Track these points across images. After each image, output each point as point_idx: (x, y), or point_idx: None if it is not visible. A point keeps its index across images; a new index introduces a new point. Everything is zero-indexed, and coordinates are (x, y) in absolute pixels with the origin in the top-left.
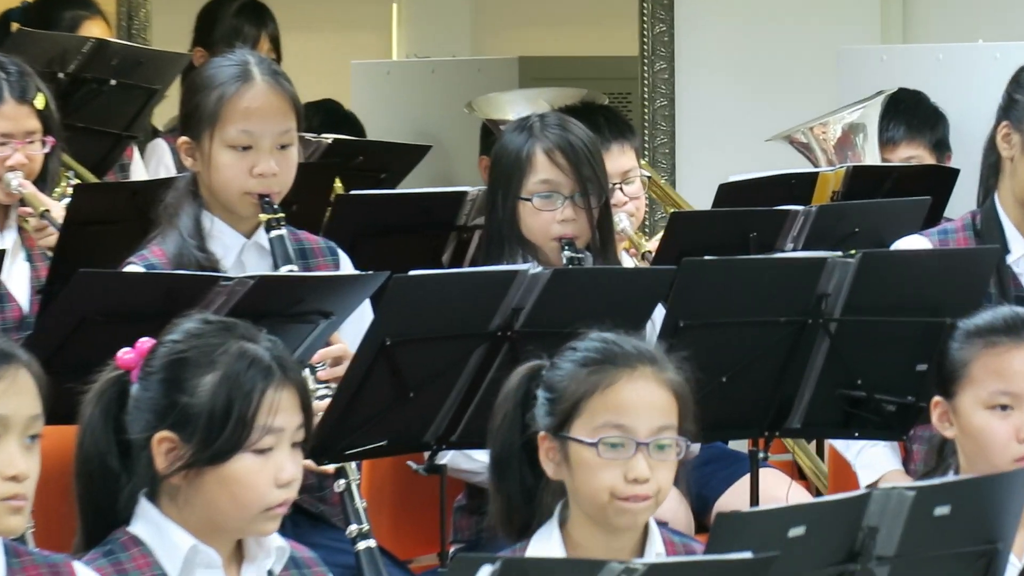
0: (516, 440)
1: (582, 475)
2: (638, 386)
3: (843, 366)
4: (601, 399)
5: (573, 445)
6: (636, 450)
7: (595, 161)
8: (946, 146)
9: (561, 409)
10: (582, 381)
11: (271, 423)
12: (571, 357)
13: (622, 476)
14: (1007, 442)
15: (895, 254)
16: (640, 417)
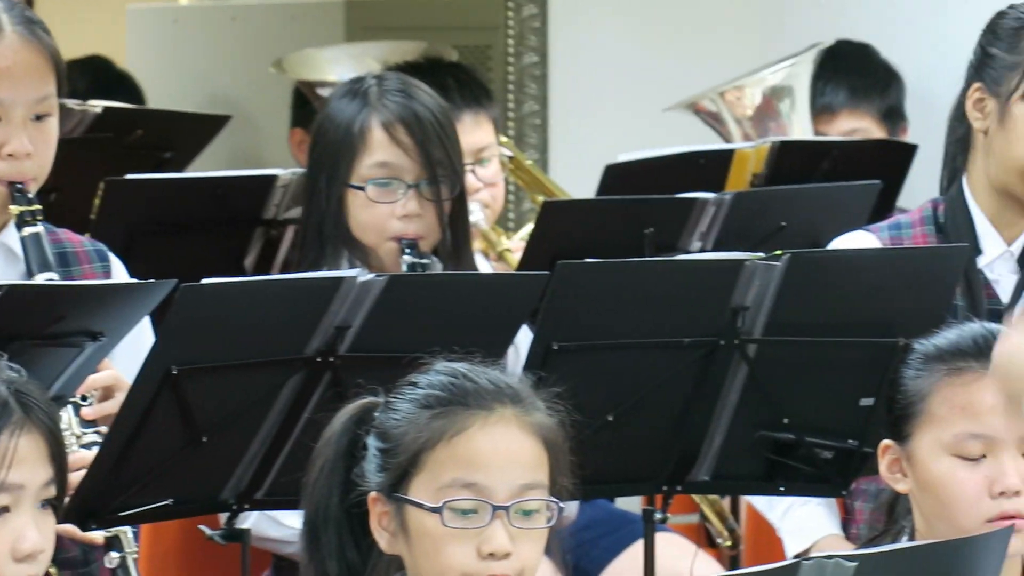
0: (337, 502)
1: (424, 549)
2: (495, 433)
3: (765, 400)
4: (448, 451)
5: (412, 510)
6: (493, 516)
7: (448, 139)
8: (901, 115)
9: (397, 463)
10: (423, 427)
11: (4, 478)
12: (410, 396)
13: (475, 551)
14: (977, 498)
15: (833, 256)
16: (498, 474)
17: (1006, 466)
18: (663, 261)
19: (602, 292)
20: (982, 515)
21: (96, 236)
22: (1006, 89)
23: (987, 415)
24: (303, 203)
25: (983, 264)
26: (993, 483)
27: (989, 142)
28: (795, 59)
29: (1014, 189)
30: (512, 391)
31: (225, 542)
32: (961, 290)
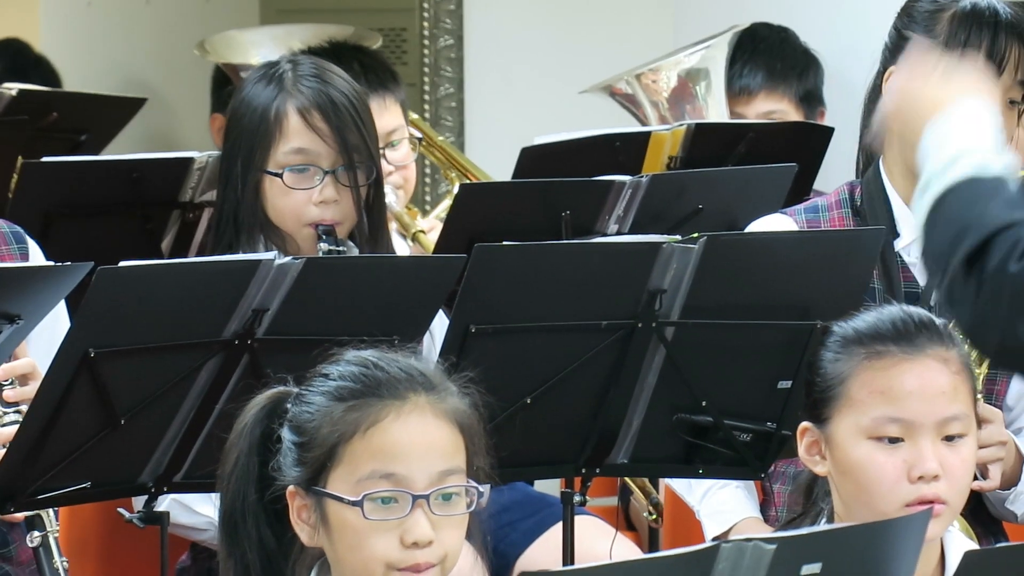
0: (252, 494)
1: (347, 542)
2: (410, 423)
3: (683, 383)
4: (364, 443)
5: (332, 503)
6: (413, 505)
7: (364, 124)
8: (818, 99)
9: (313, 457)
10: (338, 421)
11: None
12: (322, 388)
13: (398, 541)
14: (895, 482)
15: (749, 238)
16: (416, 463)
17: (925, 451)
18: (580, 244)
19: (519, 275)
20: (900, 499)
21: (12, 219)
22: None
23: (906, 399)
24: (219, 187)
25: (900, 247)
26: (912, 467)
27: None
28: (711, 42)
29: None
30: (424, 378)
31: (143, 525)
32: (878, 273)
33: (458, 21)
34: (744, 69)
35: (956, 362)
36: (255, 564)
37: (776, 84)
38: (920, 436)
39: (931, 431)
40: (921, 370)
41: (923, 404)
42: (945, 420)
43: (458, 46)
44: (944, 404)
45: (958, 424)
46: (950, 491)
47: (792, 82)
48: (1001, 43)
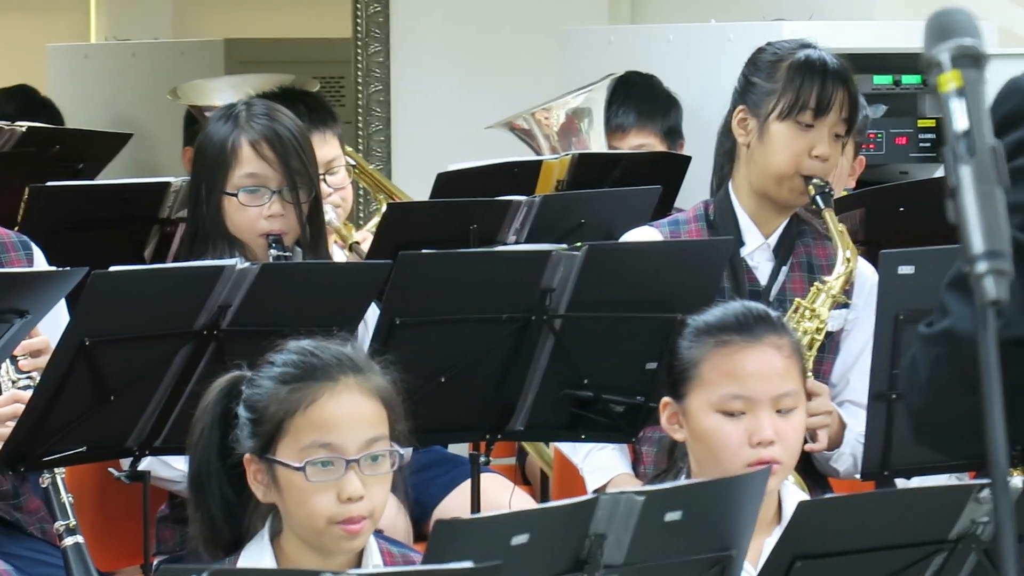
0: (215, 460)
1: (294, 499)
2: (342, 400)
3: (569, 365)
4: (305, 418)
5: (281, 468)
6: (347, 468)
7: (304, 152)
8: (679, 133)
9: (264, 431)
10: (283, 400)
11: None
12: (269, 373)
13: (335, 497)
14: (739, 447)
15: (623, 246)
16: (348, 433)
17: (763, 421)
18: (485, 252)
19: (436, 277)
20: (743, 460)
21: (24, 232)
22: (765, 111)
23: (747, 379)
24: (188, 206)
25: (745, 253)
26: (752, 435)
27: (751, 154)
28: (593, 86)
29: (770, 193)
30: (352, 362)
31: (129, 481)
32: (727, 275)
33: (386, 71)
34: (619, 110)
35: (788, 347)
36: (219, 516)
37: (645, 122)
38: (759, 409)
39: (767, 405)
40: (759, 355)
41: (761, 383)
42: (779, 396)
43: (386, 91)
44: (778, 383)
45: (790, 399)
46: (784, 453)
47: (658, 120)
48: (829, 88)
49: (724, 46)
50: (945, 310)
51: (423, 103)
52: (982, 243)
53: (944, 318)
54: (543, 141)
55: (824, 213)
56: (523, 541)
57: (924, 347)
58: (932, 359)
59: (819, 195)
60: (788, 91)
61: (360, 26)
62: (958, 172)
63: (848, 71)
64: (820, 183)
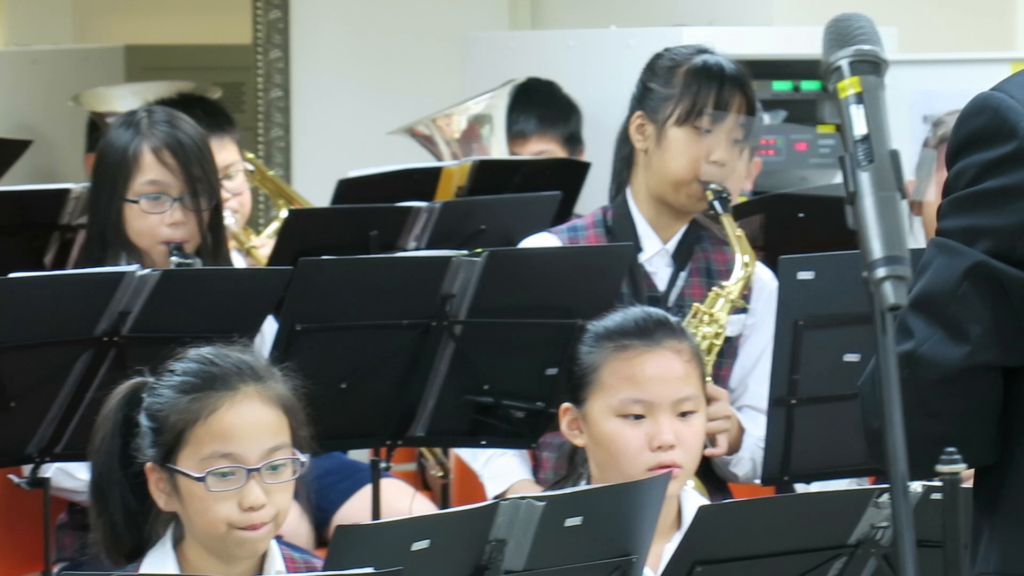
0: (116, 467)
1: (195, 508)
2: (242, 409)
3: (469, 371)
4: (205, 428)
5: (182, 478)
6: (248, 477)
7: (205, 160)
8: (578, 139)
9: (165, 440)
10: (183, 410)
11: None
12: (170, 382)
13: (237, 506)
14: (639, 451)
15: (523, 252)
16: (248, 442)
17: (663, 425)
18: (386, 258)
19: (337, 283)
20: (644, 465)
21: None
22: (662, 116)
23: (647, 383)
24: (88, 213)
25: (644, 259)
26: (652, 439)
27: (649, 160)
28: (494, 92)
29: (669, 198)
30: (252, 370)
31: (30, 488)
32: (626, 281)
33: (286, 78)
34: (520, 116)
35: (688, 352)
36: (120, 523)
37: (546, 128)
38: (659, 413)
39: (668, 409)
40: (659, 360)
41: (661, 387)
42: (679, 400)
43: (286, 98)
44: (678, 387)
45: (690, 403)
46: (684, 457)
47: (558, 126)
48: (726, 93)
49: (624, 52)
50: (907, 331)
51: (324, 109)
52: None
53: (906, 340)
54: (444, 147)
55: (722, 218)
56: (424, 547)
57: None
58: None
59: (717, 200)
60: (685, 96)
61: (260, 32)
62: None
63: (745, 76)
64: (718, 188)
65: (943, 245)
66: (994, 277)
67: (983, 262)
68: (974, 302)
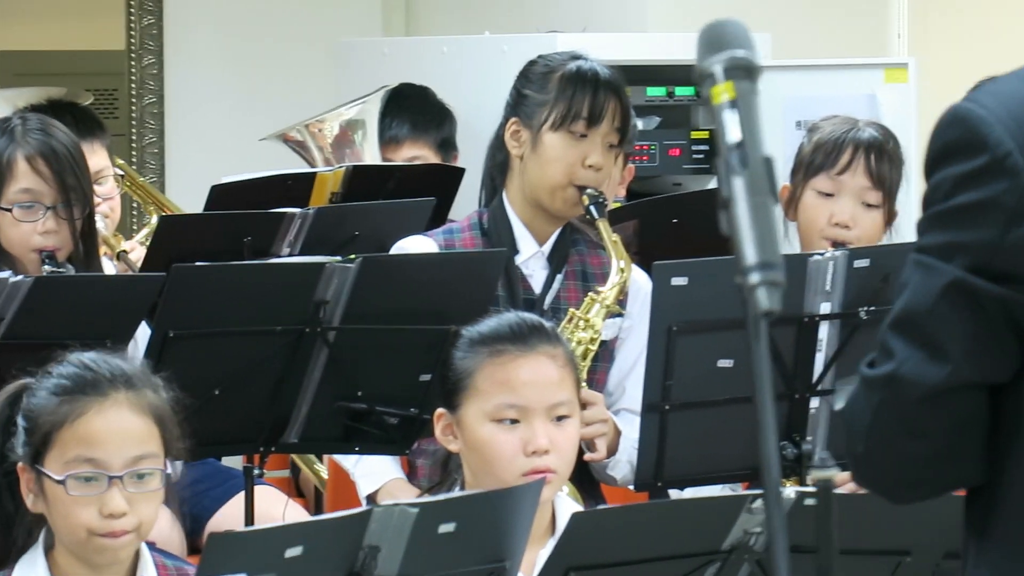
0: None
1: (57, 510)
2: (110, 416)
3: (343, 377)
4: (71, 431)
5: (47, 479)
6: (110, 484)
7: (79, 168)
8: (452, 145)
9: (34, 441)
10: (53, 412)
11: None
12: (47, 384)
13: (97, 512)
14: (514, 456)
15: (397, 258)
16: (113, 449)
17: (537, 430)
18: (259, 264)
19: (210, 290)
20: (518, 470)
21: None
22: (537, 122)
23: (522, 388)
24: None
25: (520, 262)
26: (527, 444)
27: (524, 166)
28: (366, 99)
29: (545, 204)
30: (126, 378)
31: None
32: (503, 283)
33: (160, 83)
34: (393, 121)
35: (562, 357)
36: None
37: (419, 134)
38: (533, 418)
39: (542, 414)
40: (534, 364)
41: (535, 392)
42: (554, 405)
43: (160, 103)
44: (553, 392)
45: (564, 408)
46: (559, 462)
47: (432, 132)
48: (601, 98)
49: (498, 58)
50: (889, 352)
51: (197, 115)
52: (755, 254)
53: (887, 361)
54: (317, 153)
55: (598, 223)
56: (297, 553)
57: (866, 391)
58: (875, 404)
59: (593, 205)
60: (560, 102)
61: (134, 38)
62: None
63: (620, 81)
64: (594, 193)
65: (920, 262)
66: (971, 293)
67: (960, 279)
68: (952, 320)
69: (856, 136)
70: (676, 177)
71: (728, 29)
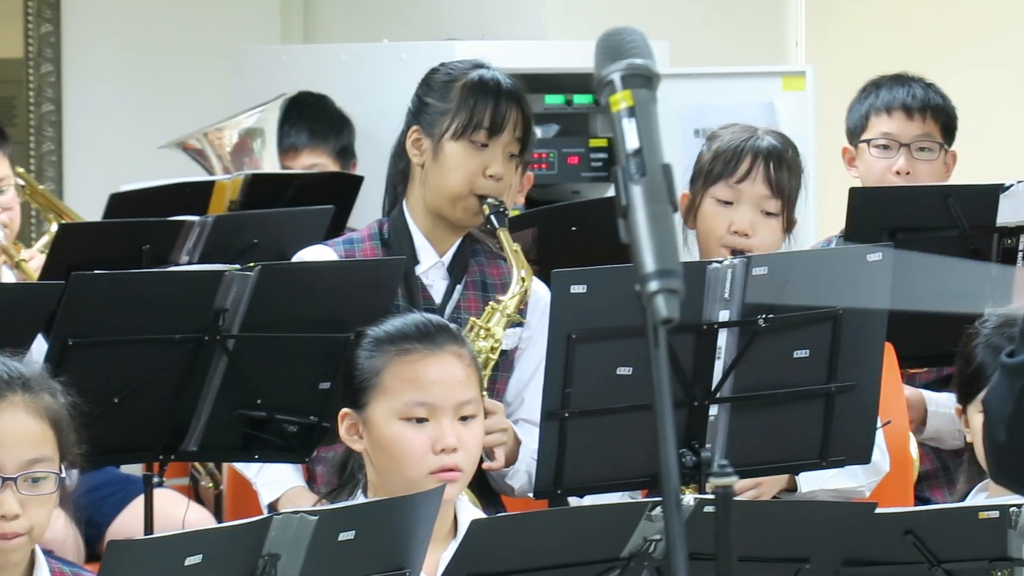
0: None
1: None
2: (5, 418)
3: (242, 385)
4: None
5: None
6: (3, 486)
7: None
8: (351, 153)
9: None
10: None
11: None
12: None
13: None
14: (423, 454)
15: (296, 267)
16: (6, 451)
17: (446, 428)
18: (158, 272)
19: (109, 297)
20: (426, 468)
21: None
22: (439, 131)
23: (431, 386)
24: None
25: (420, 271)
26: (436, 442)
27: (425, 174)
28: (265, 106)
29: (445, 212)
30: (24, 380)
31: None
32: (402, 293)
33: (58, 91)
34: (292, 129)
35: (468, 357)
36: None
37: (317, 142)
38: (442, 416)
39: (450, 412)
40: (442, 363)
41: (444, 390)
42: (461, 403)
43: (58, 112)
44: (461, 391)
45: (471, 407)
46: (465, 461)
47: (330, 140)
48: (503, 107)
49: (396, 65)
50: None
51: (96, 123)
52: (653, 262)
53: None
54: (216, 161)
55: (499, 232)
56: (197, 561)
57: (1009, 378)
58: (1019, 390)
59: (494, 215)
60: (462, 111)
61: (32, 46)
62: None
63: (521, 91)
64: (495, 203)
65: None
66: None
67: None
68: None
69: (755, 144)
70: (574, 185)
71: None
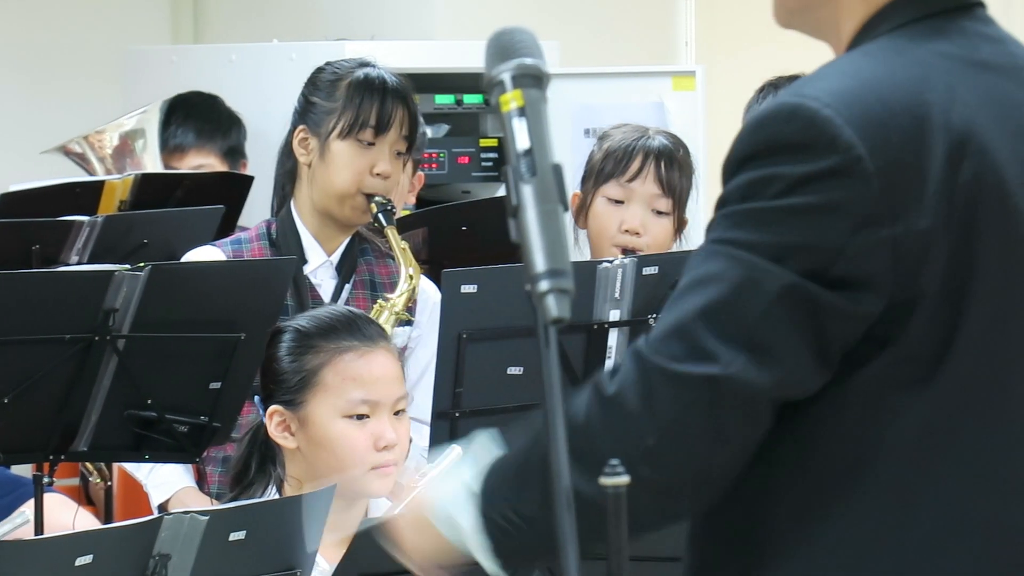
0: None
1: None
2: None
3: (132, 385)
4: None
5: None
6: None
7: None
8: (241, 153)
9: None
10: None
11: None
12: None
13: None
14: (366, 451)
15: (186, 267)
16: None
17: (386, 424)
18: (48, 272)
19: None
20: (368, 464)
21: None
22: (325, 130)
23: (374, 383)
24: None
25: (308, 271)
26: (378, 439)
27: (312, 174)
28: (147, 107)
29: (333, 211)
30: None
31: None
32: (291, 292)
33: None
34: (178, 129)
35: (395, 350)
36: None
37: (204, 142)
38: (382, 413)
39: (388, 408)
40: (381, 359)
41: (385, 387)
42: (398, 399)
43: None
44: (398, 386)
45: (403, 401)
46: (400, 456)
47: (218, 140)
48: (389, 106)
49: (286, 65)
50: (703, 352)
51: None
52: (544, 262)
53: (706, 361)
54: (97, 164)
55: (386, 231)
56: (87, 562)
57: (672, 387)
58: (685, 403)
59: (381, 213)
60: (348, 109)
61: None
62: (520, 191)
63: (408, 88)
64: (382, 201)
65: (737, 258)
66: (811, 301)
67: (798, 284)
68: (787, 327)
69: (646, 144)
70: (465, 185)
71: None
